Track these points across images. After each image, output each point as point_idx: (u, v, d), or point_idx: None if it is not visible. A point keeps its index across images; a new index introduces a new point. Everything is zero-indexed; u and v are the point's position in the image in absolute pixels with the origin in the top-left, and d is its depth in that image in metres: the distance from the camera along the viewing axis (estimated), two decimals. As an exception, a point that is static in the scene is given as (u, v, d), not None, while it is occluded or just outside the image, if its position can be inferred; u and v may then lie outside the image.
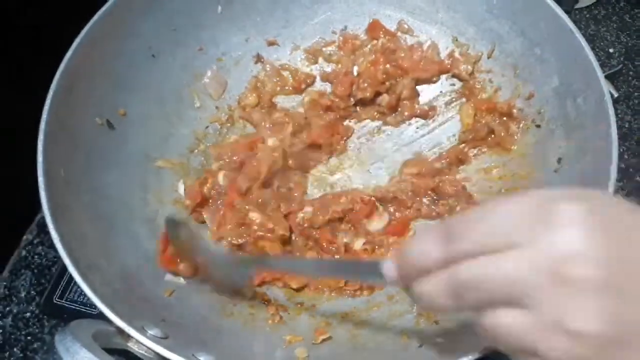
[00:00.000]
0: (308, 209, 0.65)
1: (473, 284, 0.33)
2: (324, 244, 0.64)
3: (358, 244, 0.65)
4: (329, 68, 0.75)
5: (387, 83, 0.71)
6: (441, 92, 0.73)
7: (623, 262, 0.31)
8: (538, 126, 0.64)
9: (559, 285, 0.31)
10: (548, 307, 0.31)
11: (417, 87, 0.73)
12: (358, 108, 0.73)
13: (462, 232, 0.34)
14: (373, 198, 0.66)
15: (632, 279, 0.31)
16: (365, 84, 0.71)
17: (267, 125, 0.70)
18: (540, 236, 0.31)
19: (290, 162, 0.68)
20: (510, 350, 0.34)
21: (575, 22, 0.60)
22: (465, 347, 0.46)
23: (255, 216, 0.63)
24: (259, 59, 0.75)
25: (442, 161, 0.69)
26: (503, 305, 0.32)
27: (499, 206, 0.34)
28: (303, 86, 0.75)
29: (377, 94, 0.72)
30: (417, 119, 0.73)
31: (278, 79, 0.74)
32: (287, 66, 0.75)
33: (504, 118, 0.67)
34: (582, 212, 0.31)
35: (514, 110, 0.66)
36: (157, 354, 0.47)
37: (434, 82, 0.73)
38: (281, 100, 0.75)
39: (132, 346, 0.49)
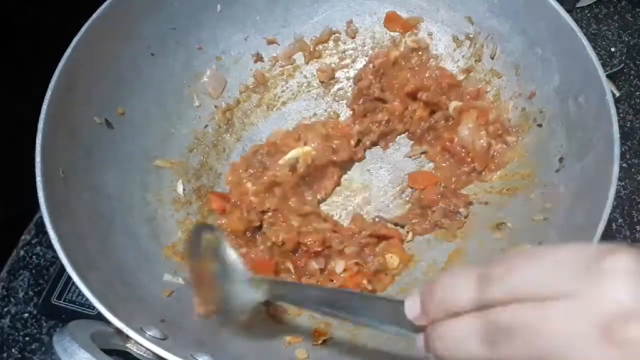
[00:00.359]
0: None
1: (515, 331, 0.29)
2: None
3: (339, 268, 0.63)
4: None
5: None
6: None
7: None
8: (539, 125, 0.64)
9: (612, 345, 0.27)
10: None
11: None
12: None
13: (504, 275, 0.30)
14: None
15: None
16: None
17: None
18: (593, 288, 0.28)
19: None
20: None
21: (576, 21, 0.60)
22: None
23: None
24: (258, 58, 0.74)
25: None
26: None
27: (547, 253, 0.31)
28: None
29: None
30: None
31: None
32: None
33: (499, 132, 0.67)
34: (636, 265, 0.28)
35: (508, 122, 0.67)
36: (156, 355, 0.47)
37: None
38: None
39: (131, 347, 0.49)
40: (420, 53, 0.71)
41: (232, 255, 0.51)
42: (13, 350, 0.67)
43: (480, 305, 0.31)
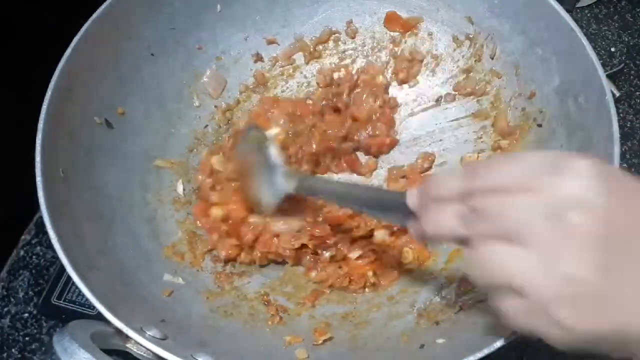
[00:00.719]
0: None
1: (483, 213, 0.36)
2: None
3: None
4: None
5: None
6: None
7: (625, 220, 0.33)
8: (539, 125, 0.64)
9: (559, 229, 0.33)
10: (543, 246, 0.33)
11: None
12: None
13: (484, 173, 0.37)
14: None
15: (630, 238, 0.33)
16: None
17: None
18: (553, 182, 0.34)
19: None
20: (495, 285, 0.36)
21: (576, 21, 0.60)
22: (466, 348, 0.46)
23: None
24: (258, 58, 0.74)
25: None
26: (504, 239, 0.35)
27: (521, 156, 0.38)
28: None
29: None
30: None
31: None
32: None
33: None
34: (595, 168, 0.34)
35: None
36: (156, 355, 0.47)
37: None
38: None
39: (131, 347, 0.49)
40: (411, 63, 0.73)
41: (273, 150, 0.59)
42: (13, 350, 0.67)
43: (464, 195, 0.37)
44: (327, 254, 0.63)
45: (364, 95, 0.71)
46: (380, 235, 0.64)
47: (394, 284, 0.63)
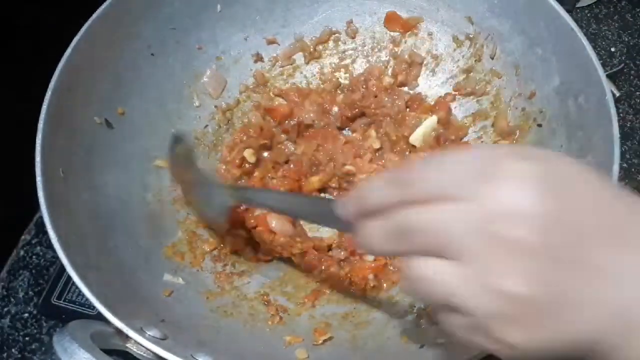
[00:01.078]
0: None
1: (410, 230, 0.33)
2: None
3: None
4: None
5: None
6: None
7: (563, 227, 0.30)
8: (539, 125, 0.64)
9: (493, 244, 0.30)
10: (479, 263, 0.30)
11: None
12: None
13: (413, 179, 0.34)
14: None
15: (569, 246, 0.30)
16: None
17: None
18: (482, 191, 0.31)
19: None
20: (434, 302, 0.34)
21: (576, 21, 0.60)
22: (466, 348, 0.46)
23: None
24: (258, 58, 0.74)
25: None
26: (437, 255, 0.32)
27: (449, 157, 0.34)
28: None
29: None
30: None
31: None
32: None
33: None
34: (528, 171, 0.31)
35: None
36: (156, 355, 0.47)
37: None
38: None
39: (131, 347, 0.49)
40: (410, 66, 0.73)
41: (199, 166, 0.59)
42: (13, 350, 0.67)
43: (395, 206, 0.34)
44: (342, 253, 0.64)
45: (385, 99, 0.71)
46: None
47: (394, 286, 0.63)
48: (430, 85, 0.73)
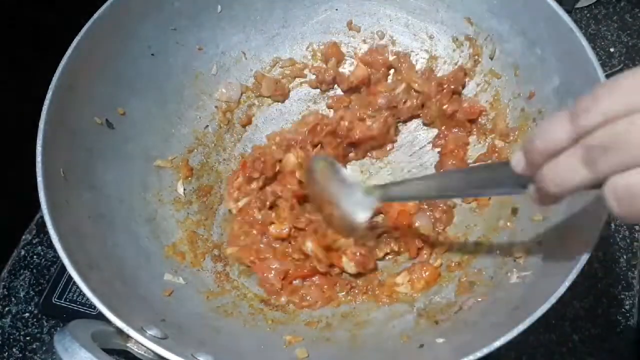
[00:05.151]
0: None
1: (608, 145, 0.33)
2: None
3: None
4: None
5: None
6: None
7: None
8: (539, 126, 0.64)
9: None
10: None
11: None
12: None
13: (591, 105, 0.34)
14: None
15: None
16: None
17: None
18: None
19: None
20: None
21: (575, 21, 0.60)
22: (466, 348, 0.46)
23: None
24: (258, 58, 0.74)
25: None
26: (638, 166, 0.33)
27: (622, 79, 0.34)
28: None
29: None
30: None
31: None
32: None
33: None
34: None
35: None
36: (157, 354, 0.47)
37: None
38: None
39: (132, 346, 0.49)
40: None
41: (344, 172, 0.61)
42: (14, 349, 0.67)
43: (577, 137, 0.35)
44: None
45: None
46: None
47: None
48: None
